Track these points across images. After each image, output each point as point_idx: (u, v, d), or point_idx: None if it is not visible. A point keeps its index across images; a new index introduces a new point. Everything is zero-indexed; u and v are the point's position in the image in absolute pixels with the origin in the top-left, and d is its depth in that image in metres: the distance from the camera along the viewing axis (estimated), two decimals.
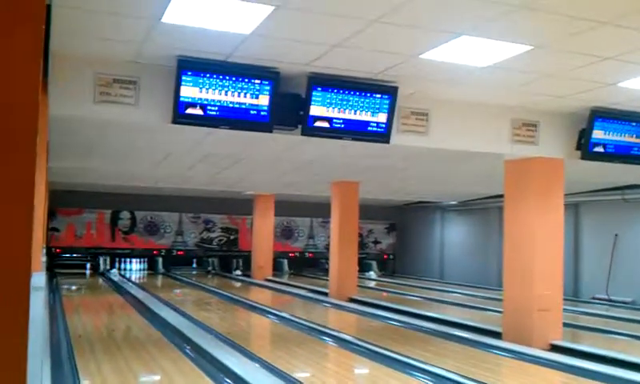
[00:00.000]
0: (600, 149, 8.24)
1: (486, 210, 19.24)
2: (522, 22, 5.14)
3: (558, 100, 7.72)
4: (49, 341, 7.56)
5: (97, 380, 6.24)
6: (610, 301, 14.82)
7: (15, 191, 1.93)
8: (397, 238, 24.18)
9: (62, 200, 19.14)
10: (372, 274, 22.69)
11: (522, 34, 5.46)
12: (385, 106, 7.02)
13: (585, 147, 8.22)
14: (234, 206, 21.43)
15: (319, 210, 20.99)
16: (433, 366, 7.03)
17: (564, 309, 9.04)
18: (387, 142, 7.20)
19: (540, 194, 8.61)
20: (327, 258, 17.27)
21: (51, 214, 19.04)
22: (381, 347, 8.13)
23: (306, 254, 23.09)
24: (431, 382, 6.59)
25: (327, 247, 18.73)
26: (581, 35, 5.35)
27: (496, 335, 9.01)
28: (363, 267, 21.75)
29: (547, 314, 8.52)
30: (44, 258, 10.78)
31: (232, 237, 22.23)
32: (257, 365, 7.05)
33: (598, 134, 8.13)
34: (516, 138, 8.21)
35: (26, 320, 1.94)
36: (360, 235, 18.77)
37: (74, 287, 16.02)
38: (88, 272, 20.06)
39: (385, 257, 24.06)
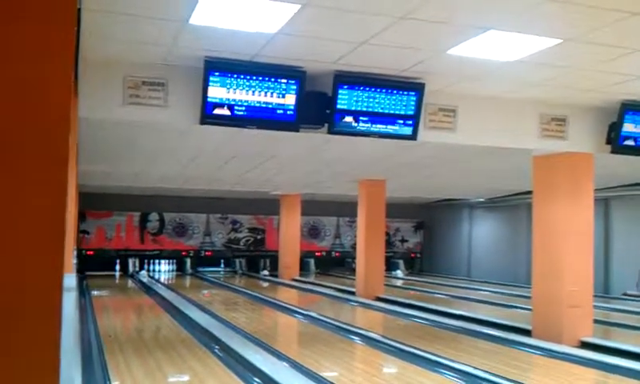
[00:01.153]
0: (631, 142, 8.13)
1: (514, 206, 19.06)
2: (550, 15, 5.07)
3: (587, 94, 7.61)
4: (80, 341, 7.66)
5: (127, 380, 6.30)
6: None
7: (47, 193, 1.94)
8: (424, 236, 24.05)
9: (92, 203, 19.36)
10: (399, 273, 22.57)
11: (550, 27, 5.39)
12: (412, 103, 6.98)
13: (615, 141, 8.10)
14: (260, 206, 21.49)
15: (346, 209, 20.95)
16: (462, 363, 6.99)
17: (594, 305, 8.93)
18: (414, 138, 7.17)
19: (569, 190, 8.52)
20: (354, 257, 17.22)
21: (81, 217, 19.26)
22: (409, 346, 8.10)
23: (333, 253, 23.06)
24: (460, 379, 6.55)
25: (354, 246, 18.68)
26: (610, 27, 5.27)
27: (525, 332, 8.93)
28: (390, 266, 21.66)
29: (577, 310, 8.42)
30: (75, 260, 10.92)
31: (259, 237, 22.29)
32: (285, 364, 7.07)
33: (628, 127, 8.02)
34: (545, 133, 8.11)
35: (58, 320, 1.96)
36: (387, 234, 18.68)
37: (103, 289, 16.18)
38: (117, 274, 20.26)
39: (412, 255, 23.94)
